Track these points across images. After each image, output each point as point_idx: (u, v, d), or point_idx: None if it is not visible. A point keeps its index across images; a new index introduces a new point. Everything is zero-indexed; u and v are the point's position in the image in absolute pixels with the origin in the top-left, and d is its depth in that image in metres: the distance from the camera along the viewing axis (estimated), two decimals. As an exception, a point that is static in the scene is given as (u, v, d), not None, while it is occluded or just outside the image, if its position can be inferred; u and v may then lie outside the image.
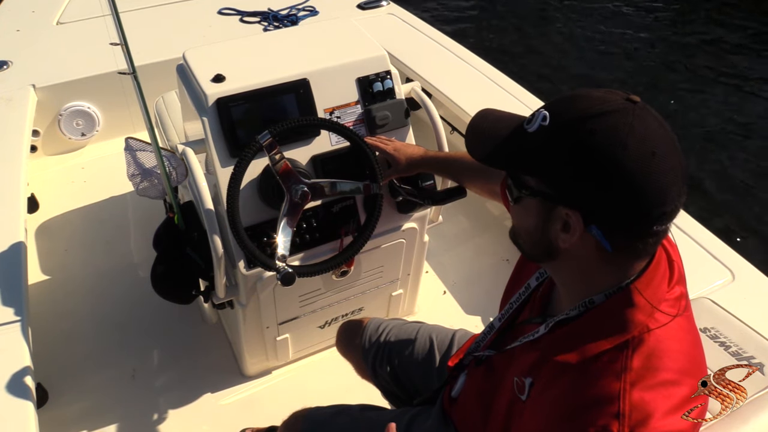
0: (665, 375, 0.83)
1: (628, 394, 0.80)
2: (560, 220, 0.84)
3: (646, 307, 0.85)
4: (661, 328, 0.85)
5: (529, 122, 0.87)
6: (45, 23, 2.98)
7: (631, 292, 0.86)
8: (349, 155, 1.63)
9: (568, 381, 0.87)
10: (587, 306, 0.89)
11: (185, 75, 1.61)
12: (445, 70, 2.64)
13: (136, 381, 2.04)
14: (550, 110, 0.85)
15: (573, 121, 0.81)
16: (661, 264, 0.89)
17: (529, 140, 0.85)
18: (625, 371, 0.82)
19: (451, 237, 2.58)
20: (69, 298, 2.28)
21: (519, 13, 6.35)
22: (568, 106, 0.83)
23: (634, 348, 0.83)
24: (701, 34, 5.90)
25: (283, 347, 1.94)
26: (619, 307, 0.86)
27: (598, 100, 0.81)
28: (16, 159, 2.15)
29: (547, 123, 0.84)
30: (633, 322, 0.85)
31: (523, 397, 0.96)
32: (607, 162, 0.78)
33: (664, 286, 0.88)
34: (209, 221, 1.49)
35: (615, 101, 0.81)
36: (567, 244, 0.85)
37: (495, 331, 1.16)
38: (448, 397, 1.26)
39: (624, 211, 0.80)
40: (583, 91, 0.85)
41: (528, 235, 0.92)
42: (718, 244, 1.85)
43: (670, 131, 0.81)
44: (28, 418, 1.37)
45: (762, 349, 1.41)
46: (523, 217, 0.92)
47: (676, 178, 0.79)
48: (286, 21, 3.06)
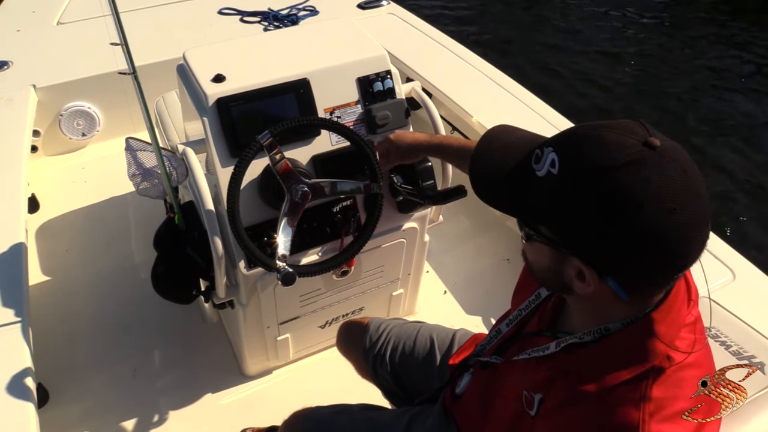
0: (683, 404, 0.82)
1: (648, 426, 0.79)
2: (574, 269, 0.81)
3: (666, 335, 0.83)
4: (683, 356, 0.84)
5: (537, 161, 0.81)
6: (45, 23, 2.98)
7: (651, 321, 0.84)
8: (349, 155, 1.63)
9: (586, 408, 0.85)
10: (602, 333, 0.88)
11: (185, 75, 1.61)
12: (446, 69, 2.64)
13: (137, 381, 2.04)
14: (559, 153, 0.78)
15: (584, 173, 0.75)
16: (681, 291, 0.88)
17: (539, 186, 0.80)
18: (644, 401, 0.81)
19: (452, 237, 2.58)
20: (69, 298, 2.28)
21: (519, 12, 6.35)
22: (579, 152, 0.77)
23: (654, 377, 0.82)
24: (706, 31, 5.90)
25: (284, 347, 1.94)
26: (638, 337, 0.84)
27: (612, 147, 0.74)
28: (16, 159, 2.15)
29: (556, 171, 0.78)
30: (653, 352, 0.83)
31: (532, 413, 0.94)
32: (622, 222, 0.73)
33: (684, 311, 0.87)
34: (210, 221, 1.49)
35: (630, 148, 0.73)
36: (582, 292, 0.82)
37: (501, 336, 1.15)
38: (451, 394, 1.26)
39: (643, 267, 0.76)
40: (594, 131, 0.77)
41: (541, 272, 0.89)
42: (719, 243, 1.85)
43: (694, 175, 0.74)
44: (29, 418, 1.37)
45: (762, 348, 1.41)
46: (535, 255, 0.88)
47: (700, 228, 0.75)
48: (287, 21, 3.07)
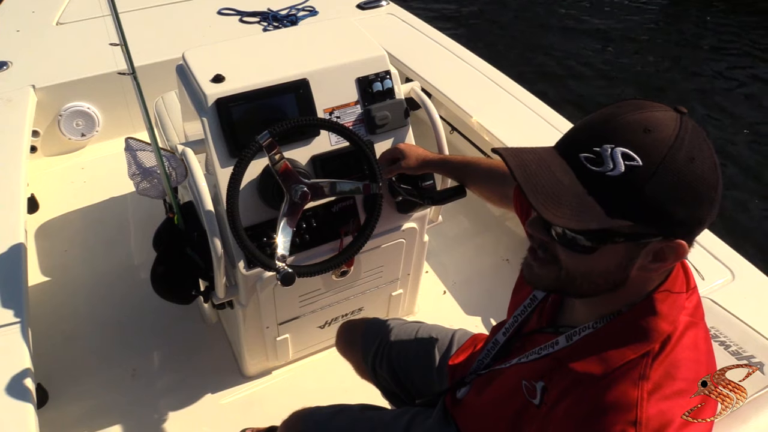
0: (681, 384, 0.83)
1: (646, 403, 0.80)
2: (651, 254, 0.82)
3: (669, 315, 0.85)
4: (683, 337, 0.85)
5: (597, 164, 0.78)
6: (45, 23, 2.98)
7: (653, 301, 0.85)
8: (348, 155, 1.63)
9: (587, 388, 0.86)
10: (614, 317, 0.89)
11: (185, 75, 1.61)
12: (445, 70, 2.64)
13: (136, 381, 2.04)
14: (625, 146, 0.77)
15: (667, 154, 0.76)
16: (679, 275, 0.89)
17: (620, 185, 0.77)
18: (643, 379, 0.82)
19: (451, 237, 2.58)
20: (69, 298, 2.28)
21: (519, 12, 6.35)
22: (648, 137, 0.77)
23: (655, 357, 0.83)
24: (704, 31, 5.91)
25: (283, 347, 1.94)
26: (642, 317, 0.85)
27: (667, 123, 0.78)
28: (16, 159, 2.15)
29: (638, 162, 0.76)
30: (656, 331, 0.84)
31: (536, 401, 0.95)
32: (704, 185, 0.78)
33: (684, 295, 0.88)
34: (209, 221, 1.49)
35: (672, 118, 0.79)
36: (653, 272, 0.84)
37: (499, 347, 1.14)
38: (452, 397, 1.25)
39: (703, 224, 0.81)
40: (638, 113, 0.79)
41: (602, 276, 0.86)
42: (718, 244, 1.85)
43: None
44: (28, 418, 1.37)
45: (762, 348, 1.41)
46: (597, 262, 0.84)
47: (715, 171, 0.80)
48: (286, 21, 3.06)
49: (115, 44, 1.35)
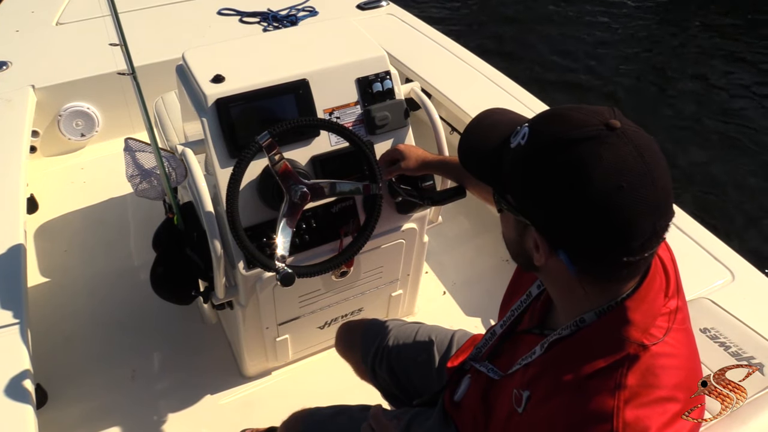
0: (660, 392, 0.82)
1: (622, 412, 0.80)
2: (532, 238, 0.85)
3: (641, 323, 0.84)
4: (658, 344, 0.84)
5: (514, 136, 0.86)
6: (45, 23, 2.98)
7: (624, 309, 0.85)
8: (348, 156, 1.63)
9: (564, 399, 0.86)
10: (578, 325, 0.89)
11: (185, 75, 1.61)
12: (445, 70, 2.64)
13: (136, 382, 2.04)
14: (531, 128, 0.84)
15: (545, 145, 0.80)
16: (657, 278, 0.88)
17: (509, 156, 0.86)
18: (619, 389, 0.81)
19: (451, 237, 2.58)
20: (68, 299, 2.28)
21: (518, 13, 6.34)
22: (546, 127, 0.83)
23: (629, 365, 0.83)
24: (702, 30, 5.91)
25: (283, 348, 1.94)
26: (612, 326, 0.85)
27: (575, 123, 0.79)
28: (15, 160, 2.15)
29: (524, 141, 0.83)
30: (628, 340, 0.83)
31: (520, 410, 0.95)
32: (571, 193, 0.77)
33: (660, 300, 0.87)
34: (209, 222, 1.49)
35: (592, 126, 0.78)
36: (539, 263, 0.86)
37: (496, 338, 1.15)
38: (450, 399, 1.26)
39: (589, 241, 0.79)
40: (566, 110, 0.83)
41: (510, 245, 0.94)
42: (718, 244, 1.85)
43: (653, 162, 0.76)
44: (28, 419, 1.37)
45: (762, 349, 1.41)
46: (505, 226, 0.94)
47: (651, 214, 0.76)
48: (286, 21, 3.06)
49: (115, 44, 1.35)
